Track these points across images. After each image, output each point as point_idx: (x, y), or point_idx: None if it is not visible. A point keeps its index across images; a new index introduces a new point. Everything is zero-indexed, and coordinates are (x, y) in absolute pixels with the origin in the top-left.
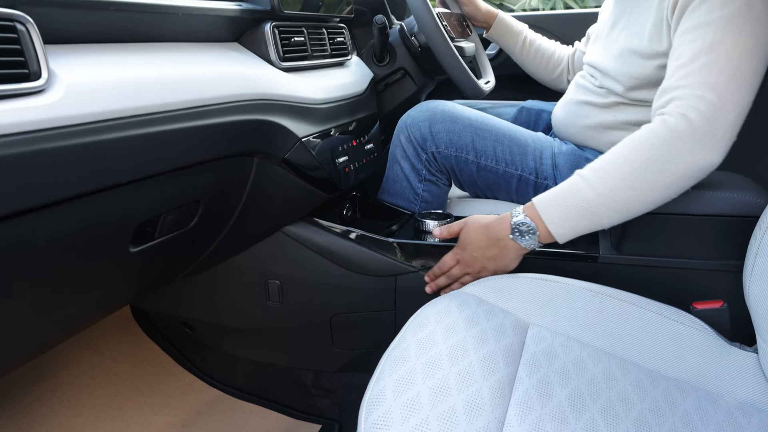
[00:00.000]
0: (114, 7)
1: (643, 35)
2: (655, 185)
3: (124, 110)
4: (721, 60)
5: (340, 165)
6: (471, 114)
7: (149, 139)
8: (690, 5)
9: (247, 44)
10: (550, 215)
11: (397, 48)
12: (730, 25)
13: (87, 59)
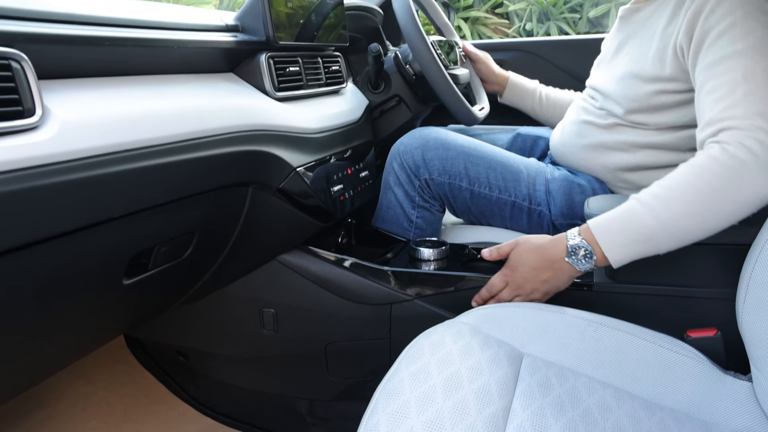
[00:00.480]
0: (109, 42)
1: (646, 60)
2: (718, 213)
3: (118, 145)
4: (761, 88)
5: (335, 194)
6: (463, 141)
7: (143, 173)
8: (708, 38)
9: (242, 74)
10: (606, 240)
11: (392, 75)
12: (758, 54)
13: (81, 94)
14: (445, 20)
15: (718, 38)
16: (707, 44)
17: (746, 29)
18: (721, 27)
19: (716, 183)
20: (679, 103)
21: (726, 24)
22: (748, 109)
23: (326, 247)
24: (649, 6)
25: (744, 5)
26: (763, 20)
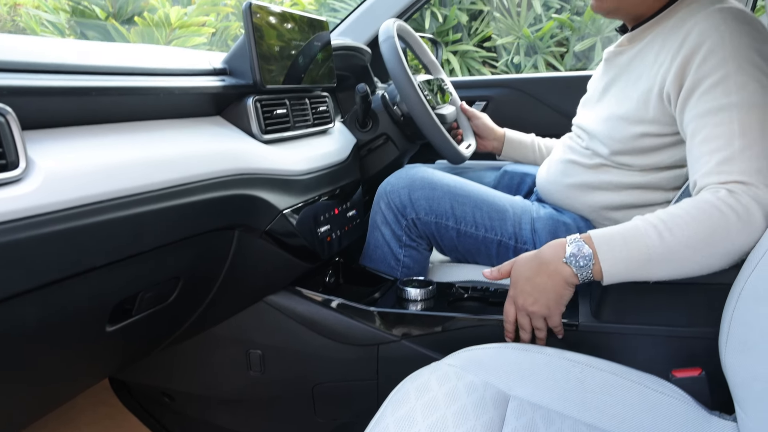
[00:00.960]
0: (96, 92)
1: (630, 102)
2: (712, 253)
3: (103, 194)
4: (757, 143)
5: (321, 234)
6: (449, 180)
7: (128, 221)
8: (700, 87)
9: (229, 117)
10: (606, 250)
11: (379, 114)
12: (753, 108)
13: (66, 143)
14: (432, 58)
15: (712, 88)
16: (699, 93)
17: (739, 82)
18: (714, 78)
19: (716, 224)
20: (662, 146)
21: (719, 75)
22: (745, 165)
23: (314, 286)
24: (632, 49)
25: (735, 58)
26: (754, 73)
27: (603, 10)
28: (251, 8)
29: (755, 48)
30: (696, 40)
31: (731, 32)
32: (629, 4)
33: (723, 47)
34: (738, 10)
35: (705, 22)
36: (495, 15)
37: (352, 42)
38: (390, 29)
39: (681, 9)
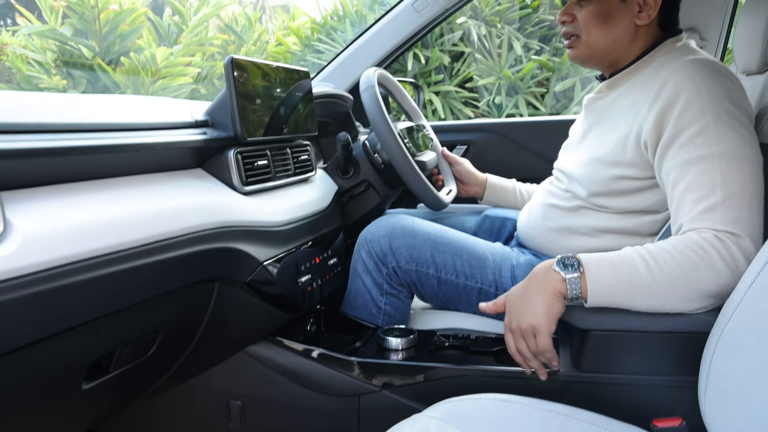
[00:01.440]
0: (77, 152)
1: (609, 145)
2: (694, 288)
3: (81, 254)
4: (737, 194)
5: (302, 284)
6: (430, 228)
7: (107, 280)
8: (680, 137)
9: (210, 170)
10: (594, 270)
11: (361, 161)
12: (733, 159)
13: (45, 203)
14: (412, 104)
15: (692, 139)
16: (679, 143)
17: (718, 134)
18: (693, 129)
19: (701, 261)
20: (639, 189)
21: (698, 127)
22: (729, 215)
23: (294, 335)
24: (610, 95)
25: (712, 109)
26: (732, 124)
27: (577, 59)
28: (233, 63)
29: (730, 98)
30: (673, 91)
31: (706, 83)
32: (601, 53)
33: (700, 99)
34: (710, 61)
35: (680, 73)
36: (476, 56)
37: (334, 90)
38: (371, 78)
39: (656, 59)
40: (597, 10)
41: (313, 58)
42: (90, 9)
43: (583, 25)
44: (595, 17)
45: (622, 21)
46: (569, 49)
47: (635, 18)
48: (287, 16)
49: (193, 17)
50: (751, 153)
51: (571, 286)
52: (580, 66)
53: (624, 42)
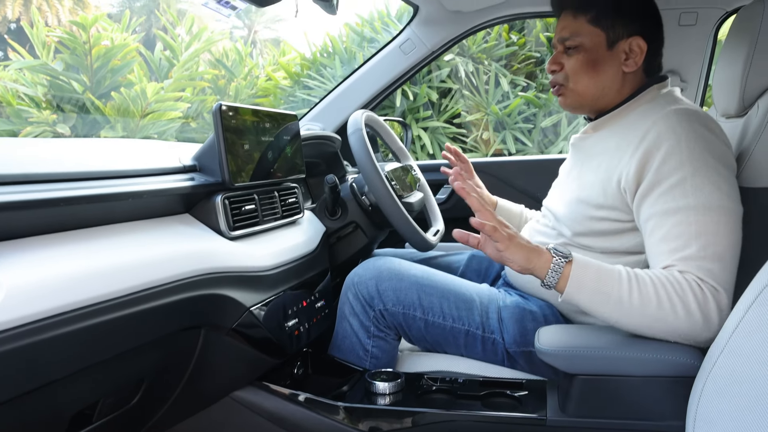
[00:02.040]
0: (64, 203)
1: (592, 187)
2: (661, 322)
3: (66, 306)
4: (711, 245)
5: (289, 329)
6: (417, 270)
7: (91, 331)
8: (658, 187)
9: (197, 215)
10: (579, 268)
11: (348, 203)
12: (709, 211)
13: (30, 255)
14: (400, 145)
15: (670, 190)
16: (658, 193)
17: (696, 185)
18: (672, 180)
19: (676, 302)
20: (620, 230)
21: (677, 178)
22: (704, 265)
23: (281, 379)
24: (596, 135)
25: (692, 161)
26: (709, 176)
27: (568, 107)
28: (221, 109)
29: (710, 150)
30: (654, 141)
31: (687, 135)
32: (591, 100)
33: (680, 150)
34: (692, 111)
35: (663, 123)
36: (464, 93)
37: (322, 131)
38: (358, 121)
39: (640, 104)
40: (585, 59)
41: (302, 93)
42: (82, 44)
43: (572, 74)
44: (583, 66)
45: (610, 69)
46: (559, 96)
47: (622, 65)
48: (277, 51)
49: (184, 52)
50: (728, 205)
51: (554, 267)
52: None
53: (612, 88)
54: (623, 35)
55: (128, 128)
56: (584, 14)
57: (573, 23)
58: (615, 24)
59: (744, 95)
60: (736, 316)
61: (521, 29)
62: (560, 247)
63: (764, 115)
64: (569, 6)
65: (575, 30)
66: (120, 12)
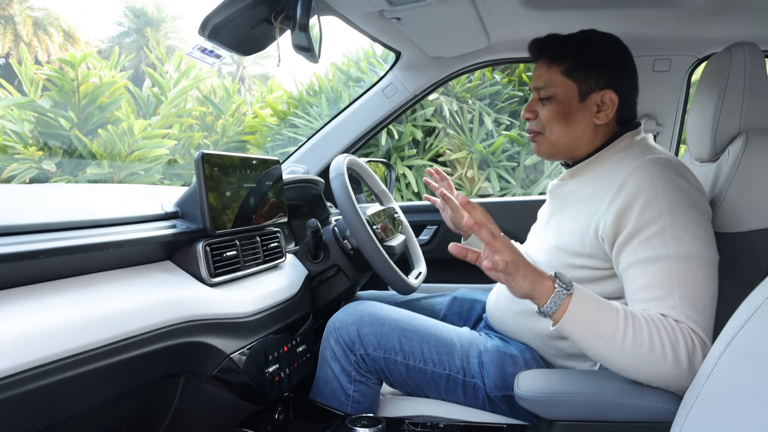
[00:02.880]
0: (44, 255)
1: (571, 235)
2: (649, 366)
3: (44, 358)
4: (694, 294)
5: (270, 375)
6: (398, 315)
7: (68, 383)
8: (638, 237)
9: (178, 262)
10: (579, 300)
11: (330, 246)
12: (689, 260)
13: (7, 308)
14: (382, 187)
15: (650, 239)
16: (637, 242)
17: (675, 235)
18: (652, 230)
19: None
20: (600, 278)
21: (656, 228)
22: (688, 314)
23: (262, 424)
24: (573, 182)
25: (670, 211)
26: (688, 226)
27: (542, 155)
28: (203, 158)
29: (687, 199)
30: (632, 192)
31: (664, 185)
32: (563, 149)
33: (658, 200)
34: (666, 161)
35: (639, 174)
36: (448, 131)
37: (305, 175)
38: (340, 166)
39: (615, 153)
40: (558, 110)
41: (288, 131)
42: (70, 82)
43: (546, 123)
44: (556, 116)
45: (581, 120)
46: (533, 143)
47: (594, 117)
48: (266, 87)
49: (172, 89)
50: (706, 255)
51: (556, 296)
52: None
53: (584, 139)
54: (595, 88)
55: (115, 165)
56: (558, 65)
57: (547, 73)
58: (587, 77)
59: (715, 141)
60: (710, 363)
61: (505, 68)
62: (563, 276)
63: (735, 161)
64: (544, 56)
65: (549, 80)
66: (110, 48)
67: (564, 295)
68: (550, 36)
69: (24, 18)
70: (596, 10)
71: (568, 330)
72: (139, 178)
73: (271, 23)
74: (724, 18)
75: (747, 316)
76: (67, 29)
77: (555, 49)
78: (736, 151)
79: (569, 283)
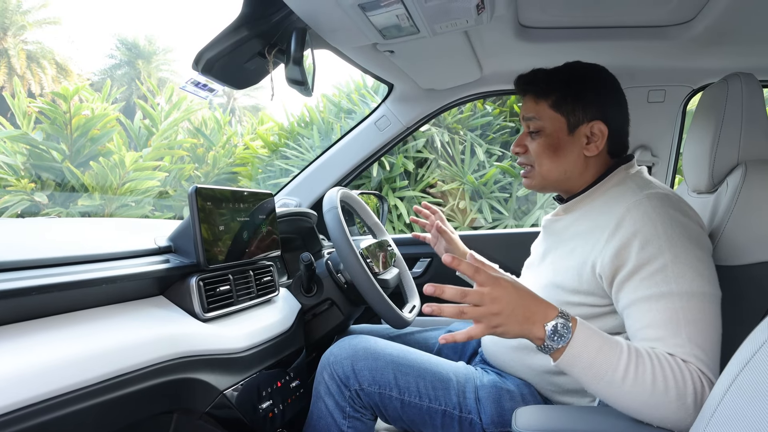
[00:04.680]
0: (36, 291)
1: (567, 272)
2: (651, 407)
3: (33, 398)
4: (701, 332)
5: (263, 411)
6: (392, 350)
7: (58, 423)
8: (639, 273)
9: (171, 297)
10: (579, 343)
11: (324, 279)
12: (693, 297)
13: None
14: (375, 220)
15: (651, 276)
16: (638, 279)
17: (677, 272)
18: (652, 267)
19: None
20: (598, 315)
21: (658, 265)
22: (695, 352)
23: None
24: (567, 217)
25: (671, 248)
26: (690, 262)
27: (533, 188)
28: (197, 192)
29: (687, 235)
30: (630, 228)
31: (663, 221)
32: (554, 182)
33: (658, 237)
34: (664, 196)
35: (637, 211)
36: (440, 162)
37: (298, 208)
38: (334, 199)
39: (609, 187)
40: (546, 143)
41: (280, 163)
42: (62, 114)
43: (536, 157)
44: (545, 149)
45: (571, 153)
46: (524, 178)
47: (584, 149)
48: (256, 118)
49: (163, 121)
50: (709, 291)
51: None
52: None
53: (575, 172)
54: (583, 120)
55: (106, 196)
56: (545, 99)
57: (535, 107)
58: (575, 109)
59: (713, 172)
60: (714, 400)
61: (496, 99)
62: (565, 312)
63: (734, 192)
64: (530, 91)
65: (537, 114)
66: (102, 80)
67: (566, 333)
68: (535, 71)
69: (18, 51)
70: (590, 41)
71: (567, 368)
72: (130, 210)
73: (265, 57)
74: (719, 49)
75: (753, 352)
76: (61, 62)
77: (540, 83)
78: (734, 182)
79: (570, 326)
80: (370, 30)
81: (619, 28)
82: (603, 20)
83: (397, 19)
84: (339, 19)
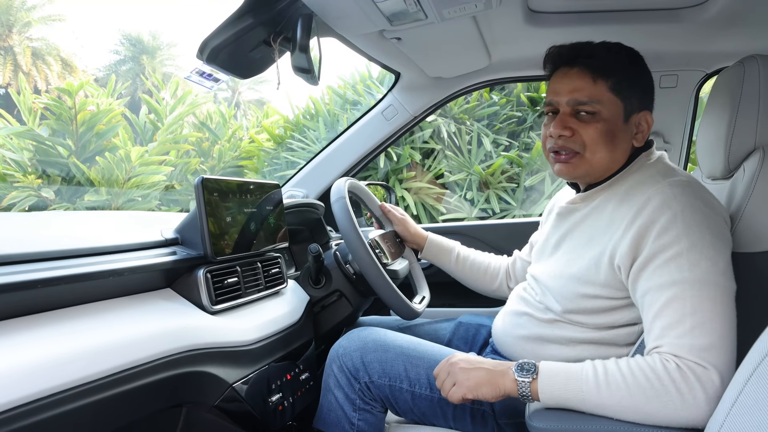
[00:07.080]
0: (42, 284)
1: (582, 262)
2: (646, 418)
3: (41, 392)
4: (707, 321)
5: (273, 404)
6: (402, 341)
7: (68, 416)
8: (654, 261)
9: (179, 289)
10: (545, 382)
11: (332, 271)
12: (705, 286)
13: (6, 341)
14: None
15: (666, 264)
16: (653, 267)
17: (692, 260)
18: (668, 254)
19: (655, 395)
20: (614, 307)
21: (673, 252)
22: (696, 342)
23: None
24: (584, 207)
25: (688, 235)
26: (706, 252)
27: (571, 176)
28: (203, 183)
29: (707, 224)
30: (650, 216)
31: (683, 209)
32: (599, 171)
33: (676, 225)
34: (687, 184)
35: (658, 198)
36: (447, 153)
37: (305, 199)
38: (341, 189)
39: (631, 175)
40: (605, 130)
41: (286, 155)
42: (67, 110)
43: (590, 143)
44: (603, 136)
45: (623, 142)
46: (564, 164)
47: (633, 139)
48: (261, 112)
49: (169, 115)
50: (723, 282)
51: (522, 387)
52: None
53: (619, 162)
54: (637, 108)
55: (112, 191)
56: (605, 80)
57: (592, 87)
58: (632, 96)
59: (729, 158)
60: (734, 390)
61: (502, 89)
62: (525, 365)
63: (751, 178)
64: (588, 67)
65: (595, 96)
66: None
67: (529, 377)
68: (593, 44)
69: (23, 48)
70: (601, 25)
71: (555, 402)
72: (136, 205)
73: (270, 45)
74: (734, 31)
75: None
76: (65, 58)
77: (602, 60)
78: (752, 168)
79: (531, 367)
80: (377, 16)
81: (631, 12)
82: (615, 3)
83: (404, 5)
84: (346, 5)
